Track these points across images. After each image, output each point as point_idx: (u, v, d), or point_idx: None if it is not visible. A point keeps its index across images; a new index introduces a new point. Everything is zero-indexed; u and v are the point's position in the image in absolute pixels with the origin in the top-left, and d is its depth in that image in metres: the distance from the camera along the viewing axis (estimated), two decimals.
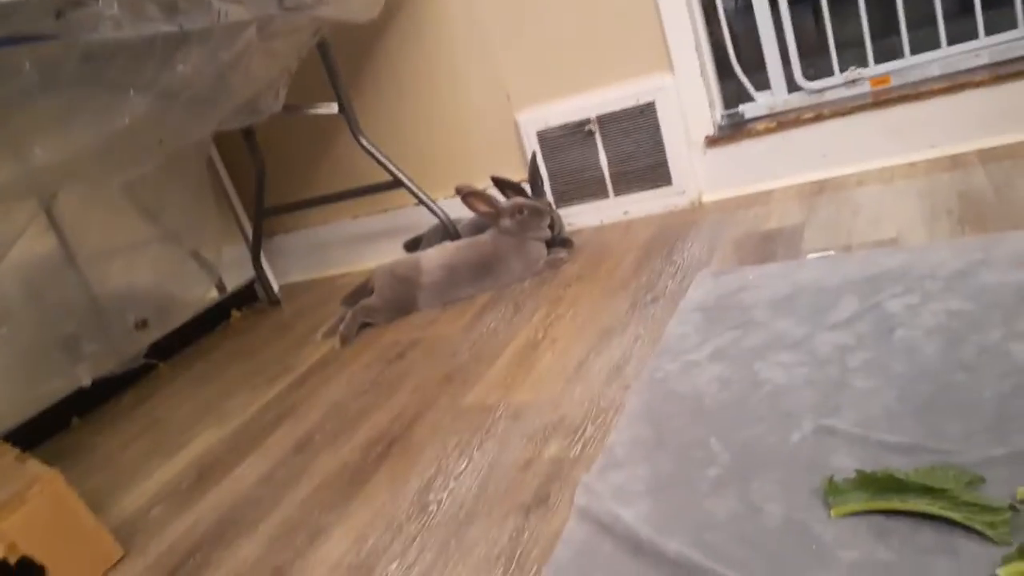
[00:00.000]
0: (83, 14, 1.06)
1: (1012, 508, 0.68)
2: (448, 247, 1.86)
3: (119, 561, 1.17)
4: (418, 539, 0.98)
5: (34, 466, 1.19)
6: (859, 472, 0.77)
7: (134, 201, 1.93)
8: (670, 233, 1.76)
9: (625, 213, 1.96)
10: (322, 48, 1.88)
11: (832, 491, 0.77)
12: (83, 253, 1.84)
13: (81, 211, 1.84)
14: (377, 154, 1.97)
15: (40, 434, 1.72)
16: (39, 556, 1.09)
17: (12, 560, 1.07)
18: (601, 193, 1.97)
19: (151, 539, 1.21)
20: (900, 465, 0.77)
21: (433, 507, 1.04)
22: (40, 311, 1.76)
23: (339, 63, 1.96)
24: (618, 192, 1.95)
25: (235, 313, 2.26)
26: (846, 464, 0.82)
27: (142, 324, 1.93)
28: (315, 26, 1.67)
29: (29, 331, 1.74)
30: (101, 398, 1.88)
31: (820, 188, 1.72)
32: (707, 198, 1.89)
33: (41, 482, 1.12)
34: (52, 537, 1.11)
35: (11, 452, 1.28)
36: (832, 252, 1.38)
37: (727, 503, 0.83)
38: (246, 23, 1.35)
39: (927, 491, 0.72)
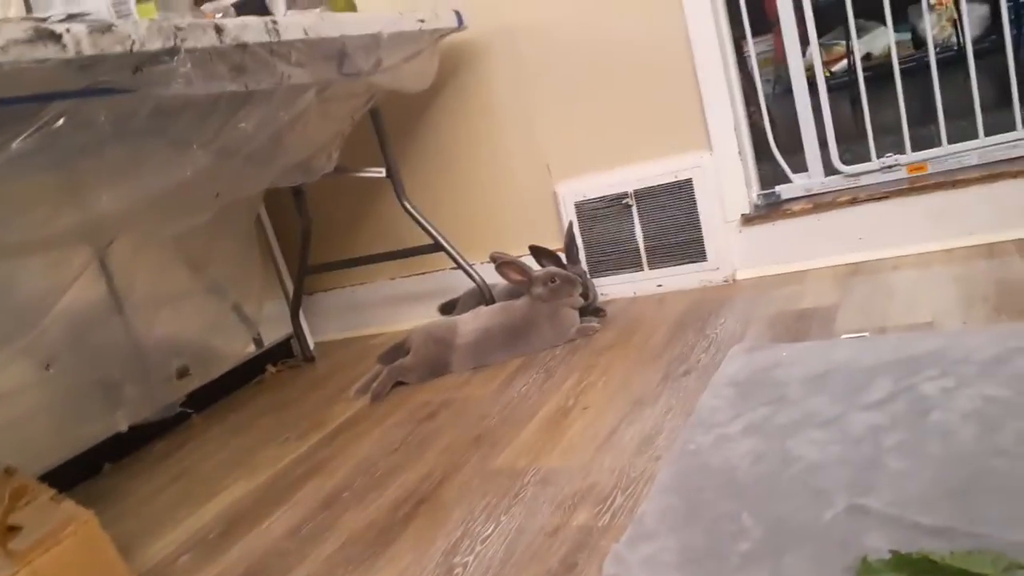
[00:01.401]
0: (159, 70, 1.13)
1: None
2: (483, 311, 1.89)
3: None
4: None
5: (69, 507, 1.21)
6: (894, 553, 0.76)
7: (183, 253, 1.99)
8: (704, 308, 1.78)
9: (659, 286, 1.98)
10: (374, 114, 1.97)
11: (866, 571, 0.76)
12: (131, 300, 1.89)
13: (132, 260, 1.90)
14: (420, 218, 2.02)
15: (72, 478, 1.74)
16: None
17: None
18: (636, 265, 2.00)
19: None
20: (935, 547, 0.76)
21: (459, 570, 1.04)
22: (85, 355, 1.80)
23: (389, 129, 2.04)
24: (652, 265, 1.98)
25: (270, 367, 2.29)
26: (879, 544, 0.81)
27: (184, 372, 1.98)
28: (370, 93, 1.75)
29: (73, 374, 1.78)
30: (134, 445, 1.91)
31: (855, 270, 1.73)
32: (742, 275, 1.91)
33: (76, 523, 1.14)
34: None
35: (47, 492, 1.30)
36: (866, 333, 1.38)
37: None
38: (306, 86, 1.43)
39: (964, 575, 0.71)
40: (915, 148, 1.77)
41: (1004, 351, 1.15)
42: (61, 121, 1.07)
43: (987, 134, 1.70)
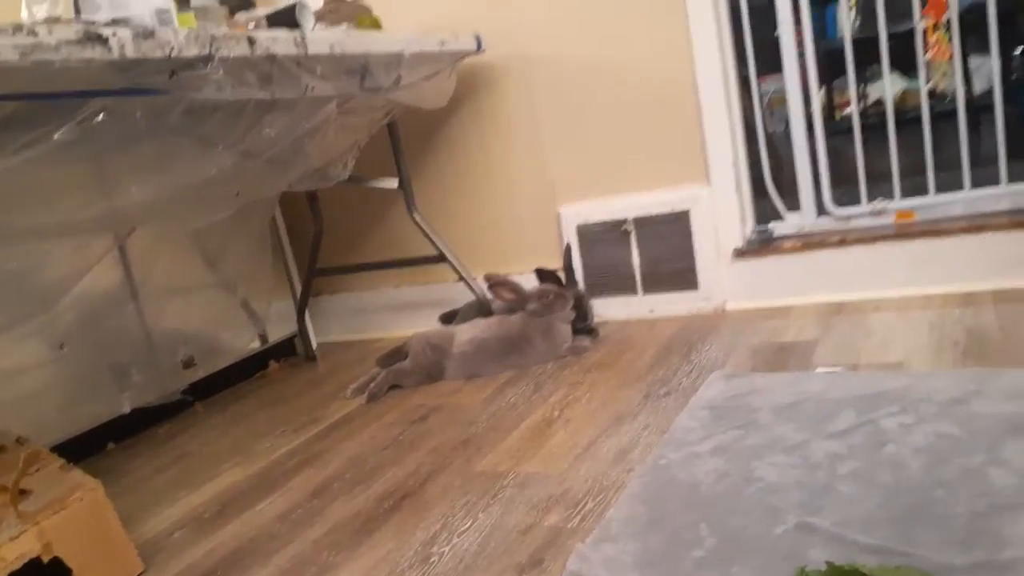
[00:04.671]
0: (192, 76, 1.22)
1: None
2: (480, 323, 1.97)
3: (139, 575, 1.25)
4: None
5: (77, 475, 1.29)
6: (828, 564, 0.83)
7: (199, 248, 2.08)
8: (691, 334, 1.85)
9: (651, 311, 2.06)
10: (391, 127, 2.06)
11: None
12: (145, 289, 1.98)
13: (150, 251, 1.99)
14: (427, 229, 2.11)
15: (78, 454, 1.81)
16: (69, 559, 1.18)
17: (45, 558, 1.16)
18: (630, 290, 2.07)
19: (170, 559, 1.29)
20: (869, 563, 0.83)
21: (435, 559, 1.11)
22: (98, 338, 1.89)
23: (404, 143, 2.13)
24: (646, 290, 2.06)
25: (273, 364, 2.38)
26: (820, 558, 0.88)
27: (189, 362, 2.06)
28: (388, 107, 1.84)
29: (85, 355, 1.87)
30: (138, 427, 1.99)
31: (838, 309, 1.80)
32: (731, 306, 1.99)
33: (83, 490, 1.22)
34: (84, 543, 1.20)
35: (56, 461, 1.39)
36: (840, 369, 1.45)
37: None
38: (328, 98, 1.52)
39: None
40: (905, 195, 1.85)
41: (963, 393, 1.22)
42: (101, 116, 1.16)
43: (974, 186, 1.77)
